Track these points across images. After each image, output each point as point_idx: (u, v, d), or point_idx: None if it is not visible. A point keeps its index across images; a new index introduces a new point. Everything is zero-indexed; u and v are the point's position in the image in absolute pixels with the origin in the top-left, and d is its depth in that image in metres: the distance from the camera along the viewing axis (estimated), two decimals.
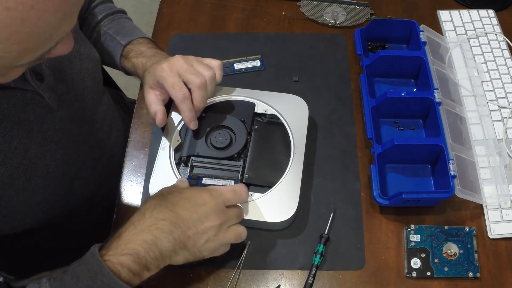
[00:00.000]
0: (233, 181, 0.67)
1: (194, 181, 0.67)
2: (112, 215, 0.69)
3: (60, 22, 0.41)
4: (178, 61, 0.67)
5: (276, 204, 0.65)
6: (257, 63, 0.83)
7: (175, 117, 0.73)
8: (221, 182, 0.67)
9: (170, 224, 0.54)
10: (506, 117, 0.76)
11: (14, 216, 0.62)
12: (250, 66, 0.83)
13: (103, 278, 0.50)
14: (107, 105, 0.81)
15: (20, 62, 0.42)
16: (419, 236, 0.66)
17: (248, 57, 0.83)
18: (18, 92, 0.58)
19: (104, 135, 0.79)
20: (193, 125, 0.69)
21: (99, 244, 0.54)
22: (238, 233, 0.60)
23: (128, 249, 0.52)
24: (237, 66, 0.83)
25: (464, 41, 0.85)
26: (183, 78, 0.67)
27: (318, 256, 0.64)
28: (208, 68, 0.68)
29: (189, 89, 0.67)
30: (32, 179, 0.61)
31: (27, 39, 0.39)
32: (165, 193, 0.58)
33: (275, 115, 0.73)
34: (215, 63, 0.70)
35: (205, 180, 0.67)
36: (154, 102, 0.69)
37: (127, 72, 0.80)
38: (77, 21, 0.71)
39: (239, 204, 0.63)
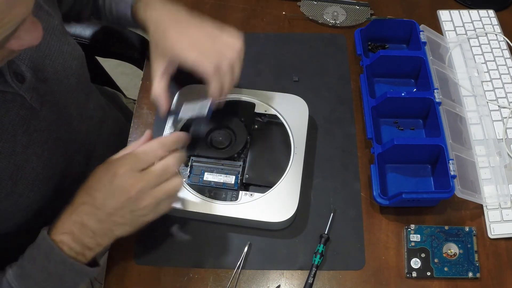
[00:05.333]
0: (234, 177, 0.67)
1: (197, 176, 0.67)
2: None
3: (9, 4, 0.39)
4: (200, 38, 0.63)
5: (276, 204, 0.65)
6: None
7: (173, 120, 0.72)
8: (222, 177, 0.67)
9: (89, 207, 0.56)
10: (506, 117, 0.76)
11: (4, 219, 0.62)
12: None
13: (55, 258, 0.54)
14: (97, 102, 0.80)
15: None
16: (419, 236, 0.65)
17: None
18: None
19: (94, 133, 0.78)
20: (217, 97, 0.65)
21: (47, 227, 0.57)
22: (170, 188, 0.58)
23: (65, 229, 0.56)
24: None
25: (464, 41, 0.85)
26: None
27: (318, 256, 0.64)
28: (231, 48, 0.64)
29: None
30: (19, 182, 0.60)
31: None
32: (90, 175, 0.58)
33: (275, 115, 0.73)
34: (236, 42, 0.65)
35: (206, 176, 0.67)
36: (159, 80, 0.64)
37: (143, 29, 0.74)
38: (60, 19, 0.69)
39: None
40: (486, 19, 0.87)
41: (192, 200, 0.65)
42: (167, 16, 0.67)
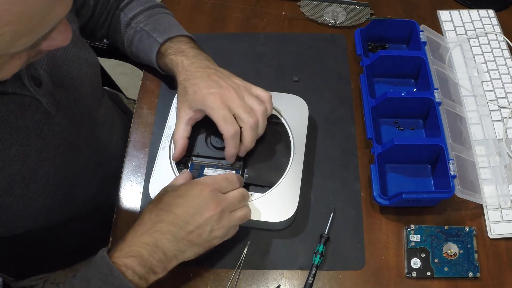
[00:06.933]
0: (234, 171, 0.67)
1: (196, 171, 0.67)
2: (112, 216, 0.69)
3: (52, 3, 0.40)
4: (230, 93, 0.64)
5: (276, 204, 0.65)
6: None
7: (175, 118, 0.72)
8: (222, 172, 0.67)
9: (168, 225, 0.55)
10: (506, 117, 0.76)
11: (13, 221, 0.62)
12: None
13: (113, 281, 0.51)
14: (107, 108, 0.80)
15: (14, 48, 0.41)
16: (419, 236, 0.65)
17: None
18: (16, 98, 0.57)
19: (105, 139, 0.78)
20: (231, 160, 0.67)
21: (106, 247, 0.55)
22: (243, 215, 0.61)
23: (132, 252, 0.53)
24: None
25: (464, 41, 0.85)
26: (234, 113, 0.64)
27: (318, 256, 0.64)
28: (259, 102, 0.65)
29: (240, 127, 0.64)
30: (31, 186, 0.60)
31: (18, 20, 0.38)
32: (161, 195, 0.59)
33: (275, 115, 0.73)
34: (265, 95, 0.67)
35: (206, 170, 0.67)
36: (183, 127, 0.66)
37: (163, 70, 0.76)
38: (78, 26, 0.70)
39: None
40: (486, 19, 0.87)
41: None
42: (199, 67, 0.69)
